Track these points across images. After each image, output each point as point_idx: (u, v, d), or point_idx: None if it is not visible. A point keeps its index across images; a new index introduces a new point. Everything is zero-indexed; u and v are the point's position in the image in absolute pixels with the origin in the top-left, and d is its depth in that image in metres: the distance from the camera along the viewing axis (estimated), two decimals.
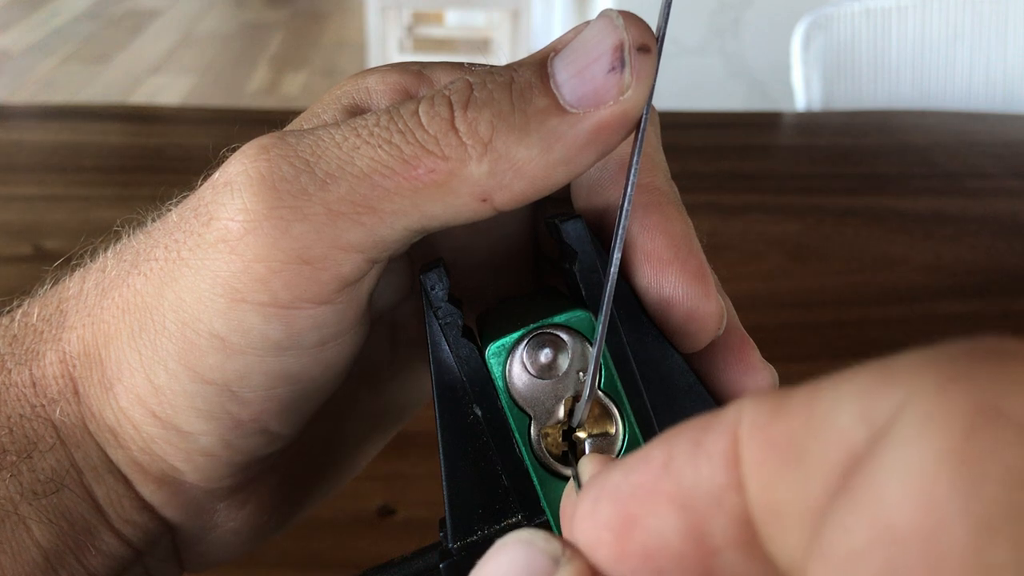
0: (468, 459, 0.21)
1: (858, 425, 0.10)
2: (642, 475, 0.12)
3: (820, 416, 0.11)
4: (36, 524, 0.22)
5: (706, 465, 0.12)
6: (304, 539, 0.48)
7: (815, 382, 0.11)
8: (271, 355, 0.21)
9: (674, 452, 0.12)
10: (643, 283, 0.22)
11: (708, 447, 0.12)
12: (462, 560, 0.21)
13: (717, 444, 0.12)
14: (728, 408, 0.12)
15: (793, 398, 0.11)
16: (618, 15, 0.20)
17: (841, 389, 0.11)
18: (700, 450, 0.12)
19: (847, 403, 0.11)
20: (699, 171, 0.89)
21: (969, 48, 1.29)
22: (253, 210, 0.20)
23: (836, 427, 0.11)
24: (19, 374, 0.23)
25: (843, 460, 0.10)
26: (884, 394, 0.10)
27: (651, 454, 0.13)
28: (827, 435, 0.11)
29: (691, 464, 0.12)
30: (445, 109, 0.20)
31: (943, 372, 0.10)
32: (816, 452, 0.11)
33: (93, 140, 0.92)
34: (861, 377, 0.11)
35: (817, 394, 0.11)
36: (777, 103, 2.18)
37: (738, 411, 0.12)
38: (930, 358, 0.10)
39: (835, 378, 0.11)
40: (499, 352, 0.21)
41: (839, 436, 0.10)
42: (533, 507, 0.21)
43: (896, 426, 0.10)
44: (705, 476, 0.12)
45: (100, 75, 3.24)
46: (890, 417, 0.10)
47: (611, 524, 0.13)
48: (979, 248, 0.77)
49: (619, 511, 0.13)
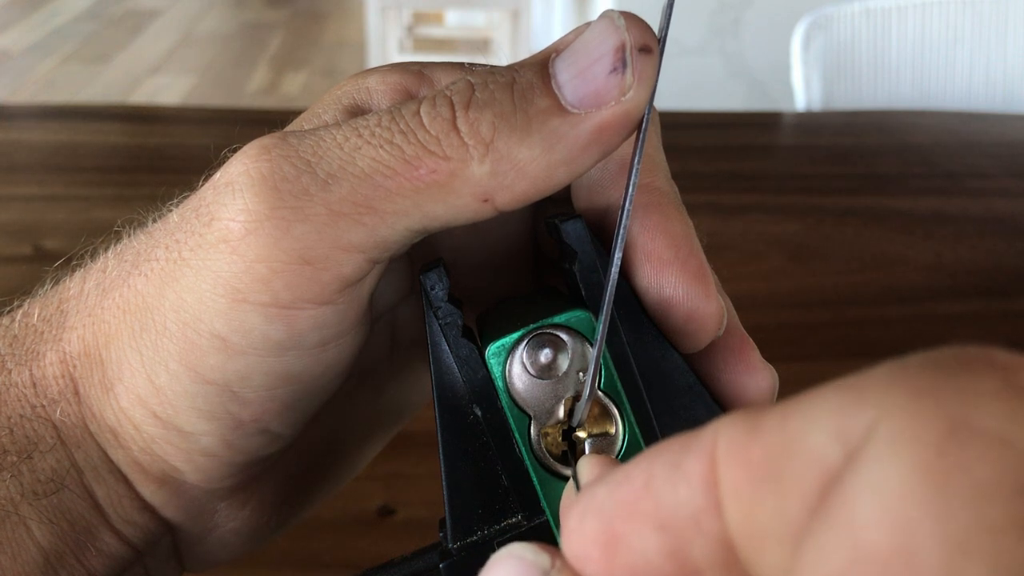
0: (468, 459, 0.21)
1: (832, 444, 0.10)
2: (624, 493, 0.12)
3: (794, 436, 0.11)
4: (36, 524, 0.22)
5: (684, 487, 0.12)
6: (304, 539, 0.48)
7: (788, 400, 0.11)
8: (272, 355, 0.21)
9: (654, 472, 0.12)
10: (643, 283, 0.22)
11: (686, 469, 0.12)
12: (462, 560, 0.21)
13: (695, 466, 0.12)
14: (706, 428, 0.12)
15: (767, 418, 0.11)
16: (620, 16, 0.20)
17: (814, 407, 0.11)
18: (679, 472, 0.12)
19: (821, 421, 0.11)
20: (699, 171, 0.89)
21: (969, 48, 1.29)
22: (255, 210, 0.20)
23: (811, 446, 0.10)
24: (19, 374, 0.23)
25: (819, 480, 0.10)
26: (856, 411, 0.10)
27: (633, 473, 0.13)
28: (802, 455, 0.11)
29: (670, 485, 0.12)
30: (447, 109, 0.20)
31: (912, 387, 0.10)
32: (792, 473, 0.11)
33: (93, 140, 0.92)
34: (833, 394, 0.11)
35: (791, 413, 0.11)
36: (777, 103, 2.18)
37: (715, 432, 0.12)
38: (899, 372, 0.10)
39: (808, 396, 0.11)
40: (499, 352, 0.21)
41: (814, 456, 0.10)
42: (533, 507, 0.21)
43: (868, 444, 0.10)
44: (684, 498, 0.12)
45: (100, 75, 3.24)
46: (863, 435, 0.10)
47: (597, 540, 0.13)
48: (979, 248, 0.77)
49: (604, 528, 0.13)
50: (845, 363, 0.63)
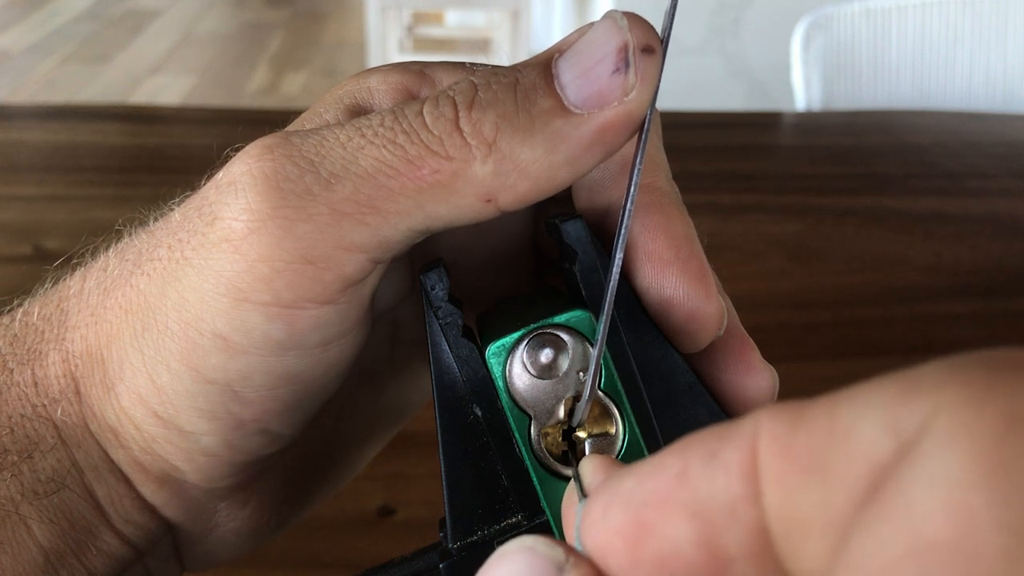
0: (468, 459, 0.21)
1: (884, 437, 0.10)
2: (657, 483, 0.12)
3: (843, 428, 0.11)
4: (37, 524, 0.22)
5: (722, 476, 0.12)
6: (304, 539, 0.48)
7: (833, 394, 0.11)
8: (274, 355, 0.21)
9: (690, 461, 0.12)
10: (644, 283, 0.22)
11: (724, 458, 0.12)
12: (462, 560, 0.21)
13: (734, 456, 0.12)
14: (744, 419, 0.12)
15: (813, 410, 0.11)
16: (622, 16, 0.20)
17: (864, 401, 0.11)
18: (716, 461, 0.12)
19: (872, 415, 0.11)
20: (699, 171, 0.89)
21: (969, 48, 1.29)
22: (257, 210, 0.20)
23: (861, 439, 0.11)
24: (21, 374, 0.23)
25: (869, 472, 0.10)
26: (910, 406, 0.10)
27: (666, 462, 0.13)
28: (851, 448, 0.11)
29: (707, 475, 0.12)
30: (449, 110, 0.20)
31: (969, 383, 0.10)
32: (840, 465, 0.11)
33: (93, 140, 0.92)
34: (884, 389, 0.11)
35: (838, 406, 0.11)
36: (777, 103, 2.18)
37: (755, 423, 0.12)
38: (954, 369, 0.10)
39: (855, 390, 0.11)
40: (499, 352, 0.21)
41: (864, 448, 0.10)
42: (533, 507, 0.21)
43: (925, 437, 0.10)
44: (721, 487, 0.12)
45: (100, 75, 3.24)
46: (918, 429, 0.10)
47: (624, 531, 0.13)
48: (979, 248, 0.77)
49: (632, 518, 0.13)
50: (845, 363, 0.63)
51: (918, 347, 0.65)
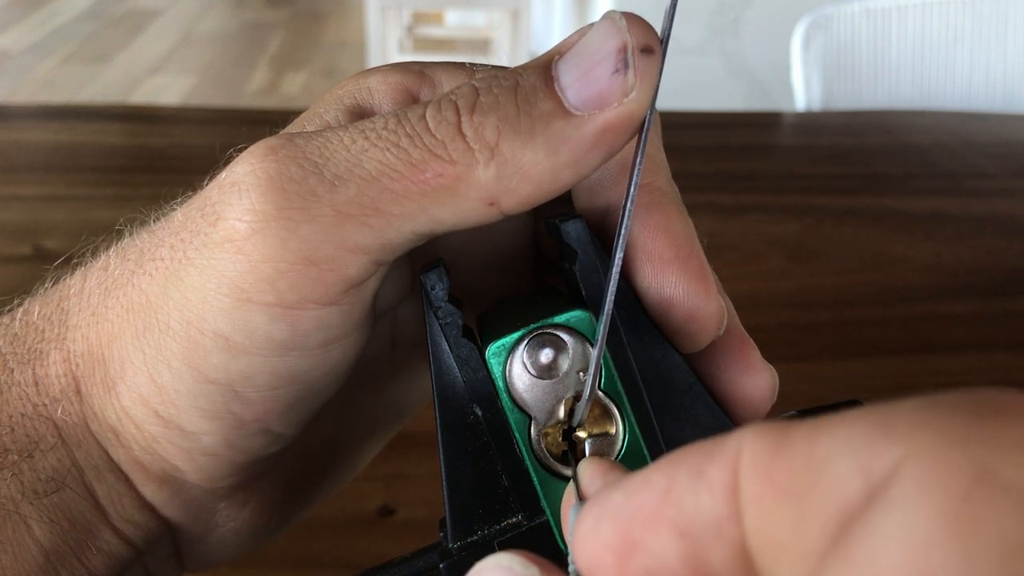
0: (468, 459, 0.21)
1: (855, 476, 0.10)
2: (643, 499, 0.13)
3: (820, 461, 0.11)
4: (37, 523, 0.22)
5: (707, 495, 0.12)
6: (304, 539, 0.48)
7: (817, 420, 0.11)
8: (275, 355, 0.21)
9: (676, 478, 0.12)
10: (644, 283, 0.22)
11: (709, 477, 0.12)
12: (462, 560, 0.21)
13: (718, 474, 0.12)
14: (730, 437, 0.12)
15: (794, 435, 0.11)
16: (621, 17, 0.20)
17: (841, 434, 0.11)
18: (701, 479, 0.12)
19: (846, 451, 0.11)
20: (699, 171, 0.89)
21: (969, 48, 1.29)
22: (261, 211, 0.20)
23: (834, 475, 0.11)
24: (21, 373, 0.23)
25: (839, 509, 0.10)
26: (882, 448, 0.10)
27: (653, 478, 0.13)
28: (826, 482, 0.11)
29: (692, 492, 0.12)
30: (452, 113, 0.20)
31: (942, 430, 0.10)
32: (814, 498, 0.11)
33: (93, 140, 0.92)
34: (862, 424, 0.11)
35: (818, 435, 0.11)
36: (777, 103, 2.18)
37: (739, 442, 0.12)
38: (930, 412, 0.10)
39: (836, 419, 0.11)
40: (499, 352, 0.21)
41: (838, 485, 0.10)
42: (533, 507, 0.21)
43: (894, 484, 0.10)
44: (706, 505, 0.12)
45: (100, 75, 3.24)
46: (887, 473, 0.10)
47: (612, 546, 0.13)
48: (979, 248, 0.77)
49: (620, 533, 0.13)
50: (845, 363, 0.63)
51: (918, 347, 0.65)
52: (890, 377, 0.62)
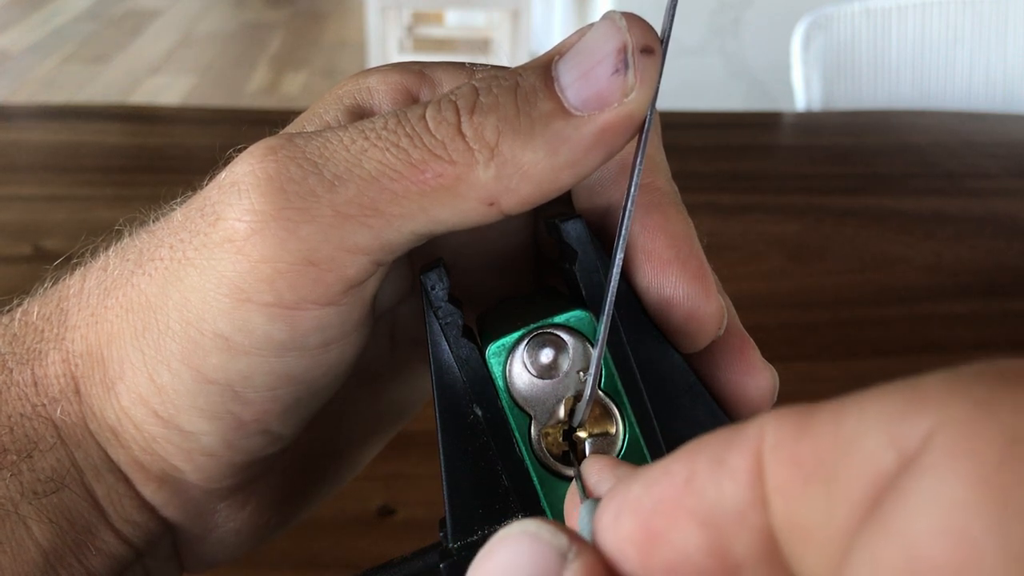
0: (468, 459, 0.21)
1: (887, 450, 0.10)
2: (664, 490, 0.12)
3: (847, 438, 0.11)
4: (36, 523, 0.22)
5: (729, 482, 0.12)
6: (304, 539, 0.48)
7: (840, 400, 0.11)
8: (275, 356, 0.21)
9: (696, 468, 0.12)
10: (644, 283, 0.22)
11: (731, 464, 0.12)
12: (462, 560, 0.21)
13: (740, 461, 0.12)
14: (750, 424, 0.12)
15: (818, 416, 0.11)
16: (621, 17, 0.20)
17: (869, 410, 0.11)
18: (723, 467, 0.12)
19: (875, 426, 0.11)
20: (699, 171, 0.89)
21: (969, 48, 1.29)
22: (260, 211, 0.20)
23: (864, 450, 0.10)
24: (20, 373, 0.23)
25: (872, 484, 0.10)
26: (913, 419, 0.10)
27: (673, 468, 0.12)
28: (855, 458, 0.11)
29: (714, 481, 0.12)
30: (451, 114, 0.20)
31: (972, 398, 0.10)
32: (844, 475, 0.11)
33: (93, 140, 0.92)
34: (889, 399, 0.11)
35: (844, 414, 0.11)
36: (777, 103, 2.18)
37: (760, 428, 0.12)
38: (958, 382, 0.10)
39: (862, 397, 0.11)
40: (499, 352, 0.21)
41: (867, 460, 0.10)
42: (533, 507, 0.21)
43: (926, 454, 0.10)
44: (728, 493, 0.12)
45: (100, 75, 3.24)
46: (920, 443, 0.10)
47: (634, 538, 0.13)
48: (979, 248, 0.77)
49: (642, 525, 0.12)
50: (845, 363, 0.63)
51: (918, 347, 0.65)
52: (890, 377, 0.62)
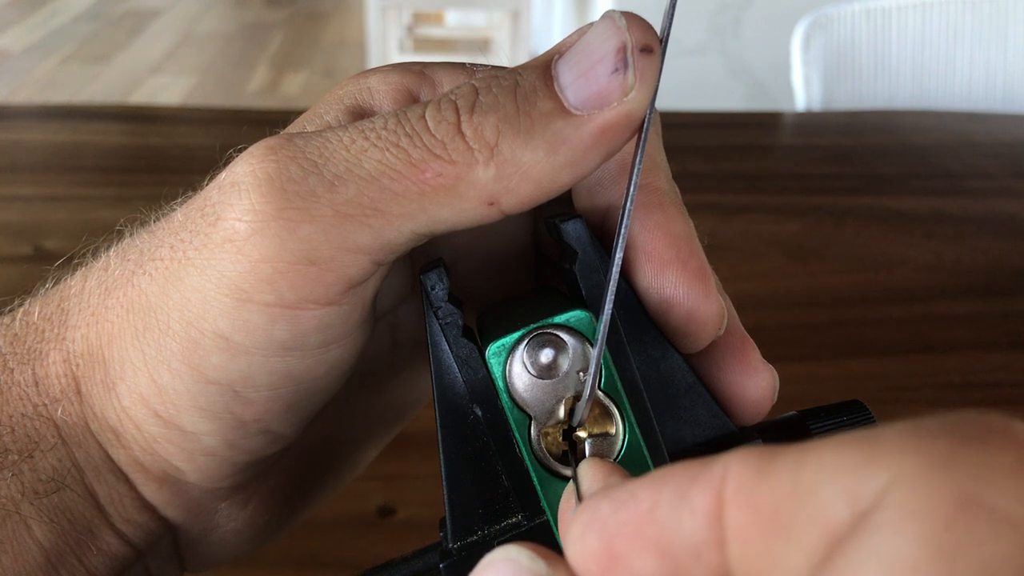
0: (468, 459, 0.21)
1: (841, 503, 0.10)
2: (628, 515, 0.13)
3: (805, 488, 0.11)
4: (37, 524, 0.22)
5: (689, 518, 0.12)
6: (304, 539, 0.48)
7: (802, 447, 0.11)
8: (275, 356, 0.21)
9: (661, 498, 0.12)
10: (644, 283, 0.22)
11: (693, 500, 0.12)
12: (462, 560, 0.21)
13: (701, 499, 0.12)
14: (715, 462, 0.12)
15: (779, 462, 0.11)
16: (621, 16, 0.20)
17: (827, 461, 0.11)
18: (684, 502, 0.12)
19: (832, 478, 0.11)
20: (699, 171, 0.89)
21: (969, 48, 1.29)
22: (261, 211, 0.20)
23: (819, 502, 0.11)
24: (21, 373, 0.23)
25: (825, 536, 0.10)
26: (869, 473, 0.10)
27: (639, 495, 0.13)
28: (811, 510, 0.11)
29: (675, 514, 0.12)
30: (451, 113, 0.20)
31: (928, 456, 0.10)
32: (800, 525, 0.11)
33: (93, 140, 0.92)
34: (848, 450, 0.11)
35: (804, 462, 0.11)
36: (777, 103, 2.18)
37: (724, 468, 0.12)
38: (916, 437, 0.10)
39: (822, 446, 0.11)
40: (499, 352, 0.21)
41: (823, 512, 0.11)
42: (533, 507, 0.21)
43: (879, 511, 0.10)
44: (687, 528, 0.12)
45: (100, 75, 3.24)
46: (873, 499, 0.10)
47: (597, 557, 0.13)
48: (979, 248, 0.77)
49: (604, 545, 0.13)
50: (845, 363, 0.63)
51: (918, 347, 0.65)
52: (890, 377, 0.62)
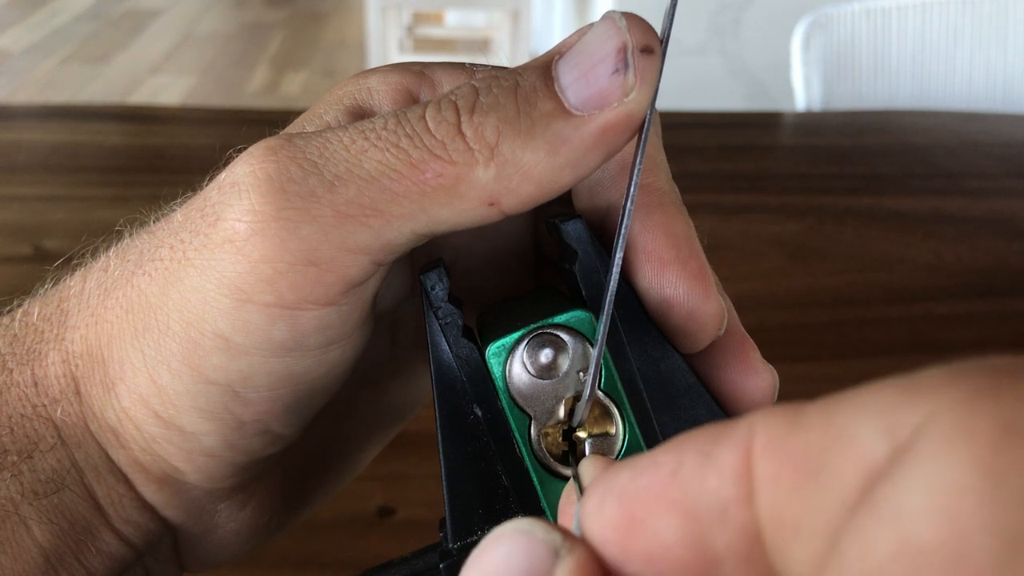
0: (468, 459, 0.21)
1: (879, 439, 0.10)
2: (650, 479, 0.12)
3: (839, 430, 0.11)
4: (37, 524, 0.22)
5: (714, 477, 0.12)
6: (304, 539, 0.48)
7: (831, 396, 0.11)
8: (275, 356, 0.21)
9: (683, 460, 0.12)
10: (644, 283, 0.22)
11: (718, 459, 0.12)
12: (462, 560, 0.21)
13: (727, 457, 0.12)
14: (740, 421, 0.12)
15: (810, 411, 0.11)
16: (621, 17, 0.20)
17: (861, 403, 0.11)
18: (709, 461, 0.12)
19: (868, 417, 0.11)
20: (699, 171, 0.89)
21: (969, 48, 1.29)
22: (261, 211, 0.20)
23: (856, 441, 0.10)
24: (21, 374, 0.23)
25: (863, 474, 0.10)
26: (907, 409, 0.10)
27: (660, 459, 0.13)
28: (847, 449, 0.11)
29: (699, 474, 0.12)
30: (451, 113, 0.20)
31: (968, 388, 0.10)
32: (835, 466, 0.11)
33: (93, 140, 0.92)
34: (882, 391, 0.11)
35: (836, 407, 0.11)
36: (777, 103, 2.18)
37: (751, 424, 0.12)
38: (953, 374, 0.10)
39: (853, 392, 0.11)
40: (499, 352, 0.21)
41: (859, 450, 0.10)
42: (533, 507, 0.21)
43: (920, 441, 0.10)
44: (712, 488, 0.12)
45: (100, 75, 3.24)
46: (913, 432, 0.10)
47: (616, 524, 0.13)
48: (979, 248, 0.77)
49: (624, 512, 0.13)
50: (845, 363, 0.63)
51: (918, 347, 0.65)
52: (890, 377, 0.62)
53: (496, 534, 0.13)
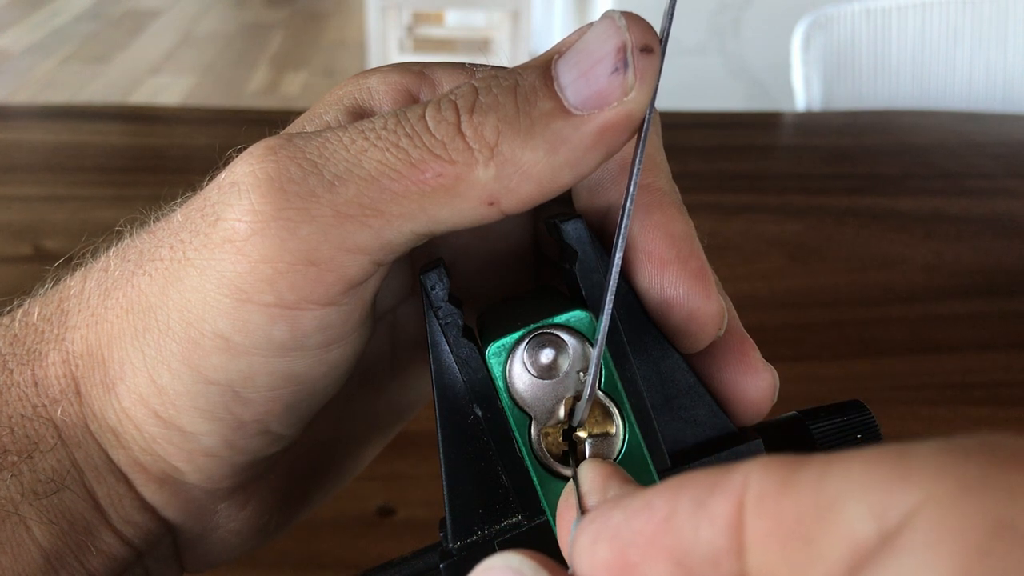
0: (468, 459, 0.21)
1: (868, 521, 0.10)
2: (643, 522, 0.12)
3: (830, 502, 0.11)
4: (37, 524, 0.22)
5: (707, 527, 0.12)
6: (304, 539, 0.48)
7: (827, 458, 0.11)
8: (275, 356, 0.21)
9: (677, 506, 0.12)
10: (644, 283, 0.22)
11: (712, 508, 0.12)
12: (462, 560, 0.21)
13: (721, 507, 0.12)
14: (735, 470, 0.12)
15: (804, 472, 0.11)
16: (621, 16, 0.20)
17: (854, 475, 0.11)
18: (703, 510, 0.12)
19: (858, 493, 0.10)
20: (699, 171, 0.89)
21: (969, 48, 1.29)
22: (260, 211, 0.20)
23: (846, 518, 0.10)
24: (21, 374, 0.23)
25: (850, 554, 0.10)
26: (897, 493, 0.10)
27: (655, 502, 0.13)
28: (836, 525, 0.10)
29: (692, 523, 0.12)
30: (451, 113, 0.20)
31: (960, 478, 0.10)
32: (823, 540, 0.11)
33: (93, 140, 0.92)
34: (875, 466, 0.11)
35: (828, 475, 0.11)
36: (777, 103, 2.18)
37: (745, 476, 0.12)
38: (947, 457, 0.10)
39: (848, 458, 0.11)
40: (499, 352, 0.21)
41: (848, 529, 0.10)
42: (533, 507, 0.21)
43: (909, 531, 0.10)
44: (705, 537, 0.12)
45: (100, 75, 3.24)
46: (901, 519, 0.10)
47: (609, 566, 0.13)
48: (979, 248, 0.77)
49: (617, 556, 0.13)
50: (845, 363, 0.63)
51: (918, 347, 0.65)
52: (890, 377, 0.62)
53: (485, 566, 0.14)
